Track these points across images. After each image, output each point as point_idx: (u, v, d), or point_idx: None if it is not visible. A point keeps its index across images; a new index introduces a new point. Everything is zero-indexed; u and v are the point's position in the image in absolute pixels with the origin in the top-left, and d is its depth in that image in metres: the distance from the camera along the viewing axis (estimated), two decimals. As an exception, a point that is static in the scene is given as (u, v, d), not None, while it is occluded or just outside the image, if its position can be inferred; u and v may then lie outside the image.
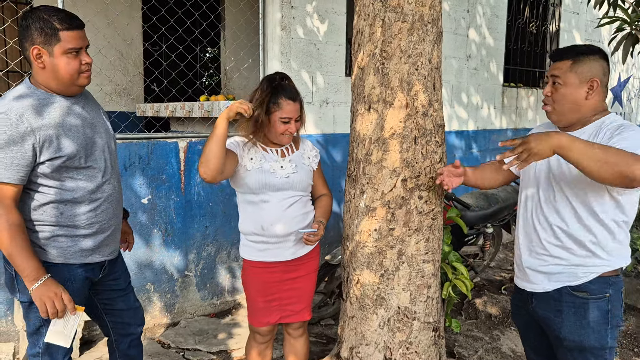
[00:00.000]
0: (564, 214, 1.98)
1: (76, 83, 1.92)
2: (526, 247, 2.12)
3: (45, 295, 1.84)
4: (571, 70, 1.95)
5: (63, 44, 1.85)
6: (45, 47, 1.85)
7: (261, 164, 2.36)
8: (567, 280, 1.99)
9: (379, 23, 2.41)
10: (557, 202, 1.99)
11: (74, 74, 1.90)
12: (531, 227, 2.09)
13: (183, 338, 3.57)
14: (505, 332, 3.83)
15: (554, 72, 2.00)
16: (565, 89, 1.97)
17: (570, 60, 1.96)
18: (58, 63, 1.86)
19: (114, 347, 2.30)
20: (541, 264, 2.05)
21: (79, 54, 1.90)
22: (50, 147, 1.85)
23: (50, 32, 1.84)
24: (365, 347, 2.58)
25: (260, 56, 4.13)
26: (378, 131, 2.45)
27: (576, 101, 1.96)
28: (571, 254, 1.98)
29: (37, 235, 1.92)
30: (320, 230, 2.36)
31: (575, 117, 1.99)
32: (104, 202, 2.04)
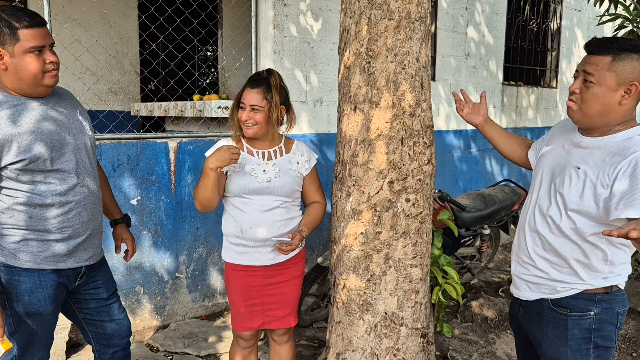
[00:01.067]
0: (553, 226, 1.83)
1: (41, 83, 1.85)
2: (516, 253, 2.03)
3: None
4: (610, 69, 1.67)
5: (23, 43, 1.79)
6: (5, 47, 1.79)
7: (242, 167, 2.31)
8: (548, 293, 1.88)
9: (364, 21, 2.34)
10: (550, 213, 1.84)
11: (38, 74, 1.83)
12: (523, 232, 1.98)
13: (172, 341, 3.52)
14: (501, 336, 3.76)
15: (588, 68, 1.71)
16: (598, 89, 1.70)
17: (610, 57, 1.67)
18: (19, 63, 1.80)
19: (97, 357, 2.25)
20: (525, 272, 1.96)
21: (42, 53, 1.83)
22: (10, 150, 1.79)
23: (9, 32, 1.77)
24: (352, 353, 2.51)
25: (253, 55, 4.07)
26: (364, 132, 2.38)
27: (608, 104, 1.70)
28: (553, 268, 1.86)
29: (6, 239, 1.87)
30: (294, 240, 2.25)
31: (602, 122, 1.74)
32: (76, 205, 1.97)
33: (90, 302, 2.15)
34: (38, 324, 1.95)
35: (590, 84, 1.71)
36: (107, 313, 2.20)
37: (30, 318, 1.91)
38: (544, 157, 1.98)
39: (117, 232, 2.38)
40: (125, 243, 2.40)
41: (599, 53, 1.70)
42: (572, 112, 1.80)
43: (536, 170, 2.00)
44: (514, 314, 2.14)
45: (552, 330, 1.87)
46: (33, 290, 1.89)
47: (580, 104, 1.75)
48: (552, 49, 6.60)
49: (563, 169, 1.82)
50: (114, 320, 2.22)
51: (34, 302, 1.90)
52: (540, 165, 1.98)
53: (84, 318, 2.18)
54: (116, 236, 2.38)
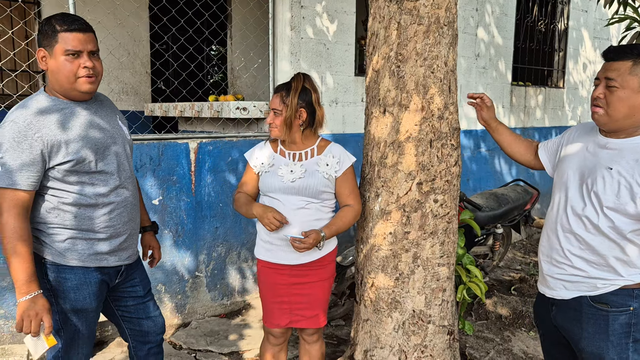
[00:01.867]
0: (590, 226, 1.89)
1: (75, 87, 1.90)
2: (547, 254, 2.06)
3: (25, 313, 1.80)
4: (631, 73, 1.77)
5: (61, 45, 1.85)
6: (47, 48, 1.87)
7: (271, 167, 2.39)
8: (586, 290, 1.94)
9: (394, 26, 2.40)
10: (586, 214, 1.89)
11: (71, 77, 1.87)
12: (554, 233, 2.02)
13: (194, 339, 3.58)
14: (516, 333, 3.83)
15: (610, 75, 1.82)
16: (622, 92, 1.79)
17: (631, 61, 1.78)
18: (56, 64, 1.86)
19: (133, 353, 2.30)
20: (560, 272, 2.00)
21: (79, 58, 1.87)
22: (59, 152, 1.85)
23: (51, 34, 1.85)
24: (380, 350, 2.57)
25: (270, 56, 4.12)
26: (393, 134, 2.44)
27: (633, 106, 1.79)
28: (591, 266, 1.91)
29: (54, 238, 1.92)
30: (308, 239, 2.24)
31: (628, 124, 1.83)
32: (117, 206, 2.03)
33: (128, 300, 2.21)
34: (83, 321, 2.00)
35: (614, 88, 1.80)
36: (144, 310, 2.26)
37: (76, 315, 1.97)
38: (567, 160, 2.03)
39: (145, 240, 2.43)
40: (152, 250, 2.45)
41: (619, 59, 1.81)
42: (599, 116, 1.87)
43: (560, 172, 2.06)
44: (543, 313, 2.18)
45: (592, 327, 1.92)
46: (79, 287, 1.95)
47: (606, 108, 1.84)
48: (560, 50, 6.67)
49: (593, 171, 1.88)
50: (149, 318, 2.28)
51: (79, 299, 1.96)
52: (563, 168, 2.03)
53: (122, 315, 2.24)
54: (144, 243, 2.43)
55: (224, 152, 3.89)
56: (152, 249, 2.44)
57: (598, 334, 1.91)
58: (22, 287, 1.80)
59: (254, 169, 2.44)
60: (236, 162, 3.95)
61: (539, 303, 2.20)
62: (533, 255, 5.85)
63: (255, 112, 4.14)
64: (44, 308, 1.81)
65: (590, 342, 1.93)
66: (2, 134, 1.81)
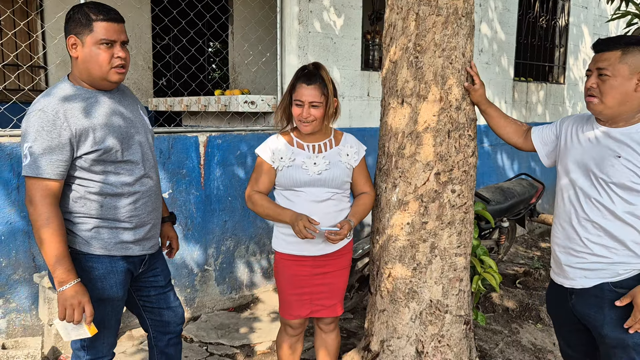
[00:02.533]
0: (606, 212, 1.94)
1: (106, 78, 1.91)
2: (564, 245, 2.09)
3: (68, 302, 1.81)
4: (621, 61, 1.87)
5: (95, 34, 1.85)
6: (79, 36, 1.86)
7: (292, 161, 2.36)
8: (608, 277, 1.97)
9: (412, 16, 2.41)
10: (602, 201, 1.94)
11: (104, 66, 1.88)
12: (569, 224, 2.06)
13: (205, 332, 3.58)
14: (524, 326, 3.86)
15: (601, 64, 1.91)
16: (614, 80, 1.88)
17: (619, 51, 1.88)
18: (89, 53, 1.86)
19: (153, 343, 2.30)
20: (580, 261, 2.03)
21: (112, 47, 1.88)
22: (86, 141, 1.86)
23: (85, 22, 1.85)
24: (397, 340, 2.59)
25: (278, 50, 4.12)
26: (411, 125, 2.45)
27: (626, 93, 1.88)
28: (612, 252, 1.95)
29: (80, 227, 1.92)
30: (343, 230, 2.29)
31: (623, 110, 1.91)
32: (142, 195, 2.04)
33: (150, 290, 2.21)
34: (110, 309, 2.00)
35: (606, 77, 1.90)
36: (165, 300, 2.26)
37: (103, 303, 1.97)
38: (570, 152, 2.08)
39: (164, 230, 2.40)
40: (170, 241, 2.44)
41: (608, 49, 1.91)
42: (594, 105, 1.95)
43: (564, 165, 2.11)
44: (559, 303, 2.20)
45: (615, 312, 1.95)
46: (105, 276, 1.95)
47: (600, 97, 1.92)
48: (560, 46, 6.71)
49: (602, 159, 1.94)
50: (170, 308, 2.28)
51: (106, 288, 1.96)
52: (568, 160, 2.08)
53: (143, 306, 2.24)
54: (162, 234, 2.40)
55: (233, 145, 3.89)
56: (170, 240, 2.43)
57: (621, 319, 1.94)
58: (59, 276, 1.80)
59: (272, 164, 2.38)
60: (245, 155, 3.95)
61: (553, 293, 2.23)
62: (535, 249, 5.89)
63: (263, 105, 4.14)
64: (85, 296, 1.83)
65: (613, 327, 1.96)
66: (31, 123, 1.80)
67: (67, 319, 1.82)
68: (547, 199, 6.58)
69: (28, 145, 1.79)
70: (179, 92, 5.27)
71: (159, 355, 2.32)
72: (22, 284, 3.15)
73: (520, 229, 5.76)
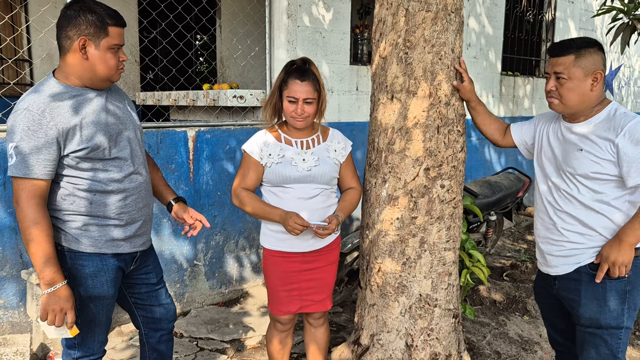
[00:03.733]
0: (576, 203, 2.08)
1: (111, 78, 1.95)
2: (544, 236, 2.23)
3: (50, 307, 1.80)
4: (575, 65, 2.01)
5: (110, 39, 1.88)
6: (92, 38, 1.85)
7: (281, 158, 2.35)
8: (584, 261, 2.10)
9: (402, 12, 2.42)
10: (570, 192, 2.09)
11: (113, 69, 1.93)
12: (547, 216, 2.20)
13: (195, 327, 3.58)
14: (511, 318, 3.91)
15: (557, 69, 2.04)
16: (571, 83, 2.02)
17: (572, 55, 2.01)
18: (100, 56, 1.88)
19: (144, 340, 2.30)
20: (559, 249, 2.16)
21: (119, 51, 1.94)
22: (73, 139, 1.84)
23: (101, 26, 1.86)
24: (387, 334, 2.61)
25: (267, 44, 4.11)
26: (401, 120, 2.46)
27: (582, 93, 2.03)
28: (587, 239, 2.09)
29: (69, 225, 1.91)
30: (331, 225, 2.30)
31: (581, 108, 2.06)
32: (132, 192, 2.03)
33: (142, 287, 2.21)
34: (100, 307, 2.00)
35: (563, 80, 2.04)
36: (156, 297, 2.26)
37: (93, 302, 1.96)
38: (543, 149, 2.24)
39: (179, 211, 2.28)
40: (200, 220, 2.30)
41: (562, 54, 2.04)
42: (555, 106, 2.11)
43: (539, 160, 2.27)
44: (544, 289, 2.35)
45: (590, 293, 2.09)
46: (96, 274, 1.94)
47: (560, 99, 2.07)
48: (547, 40, 6.76)
49: (567, 154, 2.10)
50: (162, 305, 2.28)
51: (96, 286, 1.95)
52: (542, 157, 2.24)
53: (135, 303, 2.23)
54: (178, 215, 2.29)
55: (222, 140, 3.88)
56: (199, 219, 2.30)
57: (596, 299, 2.07)
58: (45, 278, 1.78)
59: (260, 161, 2.37)
60: (234, 150, 3.94)
61: (540, 280, 2.38)
62: (522, 242, 5.96)
63: (252, 100, 4.13)
64: (68, 302, 1.82)
65: (588, 308, 2.09)
66: (17, 122, 1.78)
67: (49, 323, 1.82)
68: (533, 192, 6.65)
69: (13, 145, 1.77)
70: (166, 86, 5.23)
71: (150, 352, 2.32)
72: (9, 281, 3.13)
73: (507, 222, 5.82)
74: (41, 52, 5.69)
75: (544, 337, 3.60)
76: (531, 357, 3.32)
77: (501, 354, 3.33)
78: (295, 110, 2.29)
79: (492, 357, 3.29)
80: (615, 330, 2.08)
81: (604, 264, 2.02)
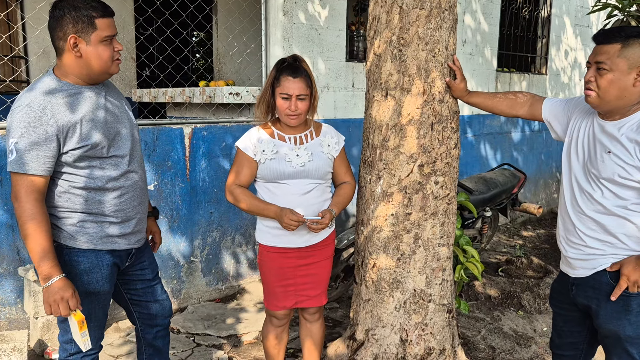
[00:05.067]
0: (599, 206, 1.95)
1: (109, 71, 1.94)
2: (564, 235, 2.12)
3: (52, 298, 1.82)
4: (620, 55, 1.81)
5: (99, 32, 1.86)
6: (82, 35, 1.85)
7: (274, 154, 2.37)
8: (605, 265, 1.98)
9: (396, 10, 2.43)
10: (593, 194, 1.96)
11: (109, 61, 1.92)
12: (567, 215, 2.08)
13: (192, 323, 3.60)
14: (506, 313, 3.94)
15: (599, 58, 1.86)
16: (612, 75, 1.83)
17: (619, 44, 1.82)
18: (94, 51, 1.87)
19: (140, 336, 2.32)
20: (577, 252, 2.05)
21: (111, 42, 1.92)
22: (73, 136, 1.85)
23: (87, 21, 1.84)
24: (382, 329, 2.64)
25: (263, 41, 4.12)
26: (395, 117, 2.48)
27: (624, 88, 1.84)
28: (606, 245, 1.97)
29: (65, 222, 1.93)
30: (324, 219, 2.32)
31: (619, 104, 1.88)
32: (128, 189, 2.04)
33: (137, 284, 2.22)
34: (96, 303, 2.02)
35: (604, 71, 1.84)
36: (152, 294, 2.27)
37: (89, 297, 1.98)
38: (573, 143, 2.09)
39: (147, 225, 2.36)
40: (153, 236, 2.44)
41: (608, 42, 1.84)
42: (591, 99, 1.92)
43: (567, 154, 2.11)
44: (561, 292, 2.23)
45: (611, 305, 1.97)
46: (91, 270, 1.96)
47: (597, 91, 1.88)
48: (543, 37, 6.78)
49: (595, 154, 1.95)
50: (157, 301, 2.29)
51: (92, 282, 1.97)
52: (571, 151, 2.09)
53: (130, 299, 2.25)
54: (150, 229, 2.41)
55: (218, 137, 3.89)
56: (153, 234, 2.44)
57: (616, 312, 1.96)
58: (43, 272, 1.80)
59: (254, 157, 2.38)
60: (230, 147, 3.95)
61: (559, 282, 2.27)
62: (517, 238, 5.99)
63: (248, 97, 4.14)
64: (69, 290, 1.83)
65: (608, 319, 1.99)
66: (16, 118, 1.79)
67: (54, 314, 1.83)
68: (528, 189, 6.69)
69: (14, 141, 1.78)
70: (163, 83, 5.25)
71: (146, 348, 2.34)
72: (6, 278, 3.14)
73: (502, 218, 5.86)
74: (37, 49, 5.69)
75: (538, 332, 3.63)
76: (525, 352, 3.35)
77: (495, 349, 3.36)
78: (289, 107, 2.31)
79: (487, 352, 3.32)
80: (635, 339, 1.97)
81: (622, 282, 1.89)
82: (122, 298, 2.25)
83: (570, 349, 2.30)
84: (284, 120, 2.37)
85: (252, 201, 2.38)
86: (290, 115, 2.32)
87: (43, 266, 1.79)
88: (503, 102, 2.38)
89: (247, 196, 2.39)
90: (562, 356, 2.35)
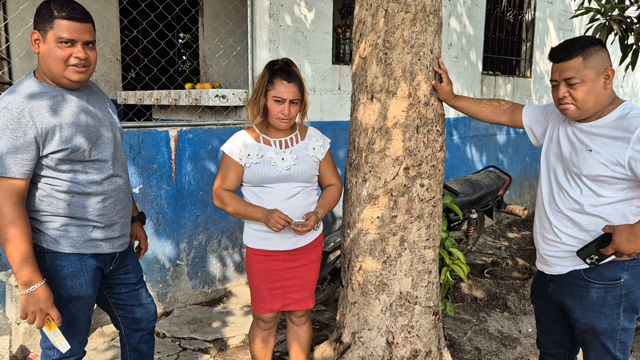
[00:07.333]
0: (575, 204, 2.01)
1: (64, 75, 1.86)
2: (540, 233, 2.18)
3: (30, 308, 1.79)
4: (586, 67, 1.91)
5: (56, 31, 1.81)
6: (42, 32, 1.83)
7: (260, 158, 2.36)
8: (578, 264, 2.05)
9: (381, 13, 2.44)
10: (571, 193, 2.02)
11: (60, 65, 1.83)
12: (544, 213, 2.14)
13: (178, 327, 3.57)
14: (491, 314, 3.96)
15: (567, 74, 1.93)
16: (585, 86, 1.92)
17: (580, 57, 1.91)
18: (48, 50, 1.83)
19: (125, 341, 2.30)
20: (553, 249, 2.11)
21: (72, 47, 1.84)
22: (52, 140, 1.83)
23: (48, 18, 1.81)
24: (368, 331, 2.64)
25: (249, 44, 4.11)
26: (381, 120, 2.49)
27: (598, 93, 1.93)
28: (581, 243, 2.02)
29: (47, 226, 1.90)
30: (309, 222, 2.32)
31: (596, 109, 1.96)
32: (111, 194, 2.02)
33: (121, 287, 2.20)
34: (79, 308, 1.99)
35: (577, 85, 1.93)
36: (136, 297, 2.25)
37: (72, 302, 1.96)
38: (552, 146, 2.15)
39: (133, 230, 2.38)
40: (139, 241, 2.42)
41: (569, 58, 1.94)
42: (571, 112, 1.99)
43: (547, 156, 2.18)
44: (540, 290, 2.30)
45: (586, 299, 2.05)
46: (75, 274, 1.94)
47: (575, 103, 1.96)
48: (527, 40, 6.85)
49: (576, 153, 2.01)
50: (142, 305, 2.28)
51: (75, 286, 1.95)
52: (550, 152, 2.15)
53: (115, 303, 2.23)
54: (131, 233, 2.37)
55: (204, 140, 3.88)
56: (139, 240, 2.42)
57: (591, 305, 2.04)
58: (22, 277, 1.77)
59: (240, 162, 2.38)
60: (216, 150, 3.94)
61: (537, 280, 2.33)
62: (503, 239, 6.04)
63: (234, 99, 4.13)
64: (47, 303, 1.80)
65: (583, 313, 2.07)
66: None
67: (29, 323, 1.80)
68: (514, 191, 6.74)
69: None
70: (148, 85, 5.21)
71: (131, 352, 2.32)
72: (-12, 283, 3.10)
73: (488, 220, 5.89)
74: (19, 50, 5.62)
75: (524, 333, 3.66)
76: (511, 353, 3.37)
77: (481, 350, 3.38)
78: (282, 111, 2.31)
79: (473, 353, 3.34)
80: (611, 333, 2.05)
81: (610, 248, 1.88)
82: (106, 302, 2.22)
83: (557, 347, 2.36)
84: (274, 123, 2.36)
85: (238, 204, 2.37)
86: (282, 119, 2.33)
87: (23, 271, 1.77)
88: (487, 109, 2.44)
89: (233, 199, 2.38)
90: (550, 355, 2.41)
